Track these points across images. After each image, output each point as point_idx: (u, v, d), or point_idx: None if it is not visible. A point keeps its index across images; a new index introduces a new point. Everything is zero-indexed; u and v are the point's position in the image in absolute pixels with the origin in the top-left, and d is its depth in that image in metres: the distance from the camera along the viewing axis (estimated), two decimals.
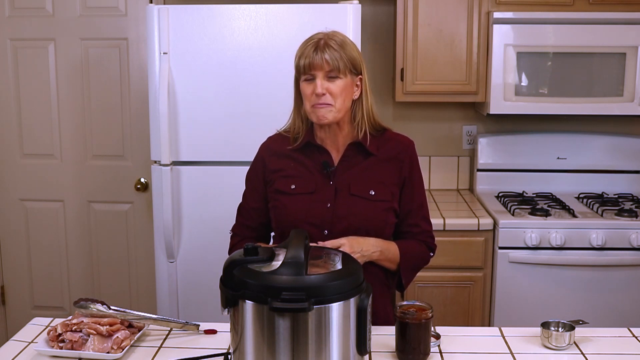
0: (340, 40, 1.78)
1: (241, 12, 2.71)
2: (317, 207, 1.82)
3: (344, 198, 1.82)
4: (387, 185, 1.85)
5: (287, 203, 1.85)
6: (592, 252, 2.86)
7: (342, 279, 1.38)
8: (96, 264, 3.60)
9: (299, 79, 1.82)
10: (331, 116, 1.78)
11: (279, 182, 1.87)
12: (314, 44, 1.77)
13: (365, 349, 1.44)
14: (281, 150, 1.90)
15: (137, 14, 3.36)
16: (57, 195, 3.55)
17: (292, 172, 1.87)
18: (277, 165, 1.89)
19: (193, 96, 2.75)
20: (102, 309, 1.70)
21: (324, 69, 1.75)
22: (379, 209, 1.83)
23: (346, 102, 1.79)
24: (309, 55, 1.76)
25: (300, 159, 1.87)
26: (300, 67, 1.79)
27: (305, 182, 1.85)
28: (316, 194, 1.83)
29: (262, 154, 1.95)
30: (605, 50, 3.02)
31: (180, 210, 2.82)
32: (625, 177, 3.39)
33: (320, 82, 1.76)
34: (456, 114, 3.49)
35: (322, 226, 1.81)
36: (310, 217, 1.81)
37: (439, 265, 2.82)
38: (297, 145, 1.87)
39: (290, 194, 1.85)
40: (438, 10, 3.09)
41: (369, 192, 1.82)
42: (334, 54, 1.75)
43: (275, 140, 1.94)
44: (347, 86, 1.78)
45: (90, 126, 3.48)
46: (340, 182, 1.84)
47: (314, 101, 1.77)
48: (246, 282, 1.36)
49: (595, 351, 1.67)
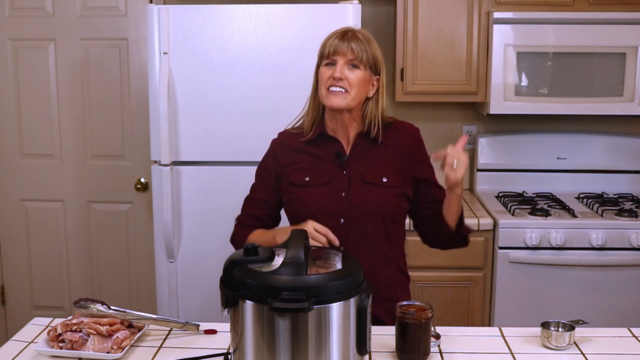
0: (367, 36, 1.84)
1: (241, 12, 2.71)
2: (332, 197, 1.85)
3: (358, 186, 1.86)
4: (399, 172, 1.88)
5: (302, 195, 1.87)
6: (592, 252, 2.86)
7: (342, 279, 1.38)
8: (96, 264, 3.60)
9: (320, 65, 1.85)
10: (344, 103, 1.81)
11: (292, 175, 1.90)
12: (341, 33, 1.83)
13: (365, 349, 1.44)
14: (293, 144, 1.93)
15: (137, 14, 3.36)
16: (57, 195, 3.56)
17: (305, 165, 1.90)
18: (290, 158, 1.92)
19: (193, 96, 2.75)
20: (102, 309, 1.70)
21: (347, 56, 1.80)
22: (392, 195, 1.87)
23: (361, 94, 1.83)
24: (335, 43, 1.81)
25: (312, 151, 1.90)
26: (324, 53, 1.83)
27: (318, 173, 1.88)
28: (330, 185, 1.86)
29: (275, 148, 1.97)
30: (605, 50, 3.02)
31: (180, 210, 2.82)
32: (625, 177, 3.39)
33: (340, 67, 1.79)
34: (456, 114, 3.49)
35: (337, 215, 1.84)
36: (325, 208, 1.85)
37: (439, 265, 2.83)
38: (310, 136, 1.90)
39: (305, 186, 1.88)
40: (438, 10, 3.09)
41: (382, 179, 1.86)
42: (360, 45, 1.80)
43: (286, 136, 1.97)
44: (365, 79, 1.82)
45: (90, 126, 3.48)
46: (353, 171, 1.87)
47: (330, 84, 1.81)
48: (246, 282, 1.36)
49: (595, 351, 1.66)
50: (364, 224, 1.85)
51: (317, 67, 1.87)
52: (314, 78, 1.90)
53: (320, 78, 1.84)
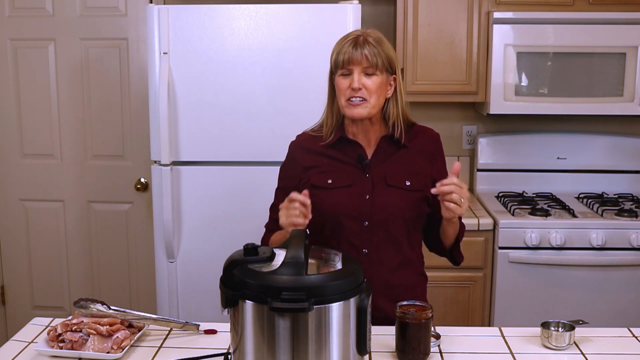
0: (378, 38, 1.82)
1: (241, 12, 2.71)
2: (355, 199, 1.85)
3: (382, 189, 1.86)
4: (421, 176, 1.89)
5: (324, 197, 1.86)
6: (592, 252, 2.86)
7: (342, 279, 1.38)
8: (96, 263, 3.60)
9: (335, 74, 1.84)
10: (366, 112, 1.81)
11: (314, 178, 1.89)
12: (352, 40, 1.80)
13: (365, 349, 1.44)
14: (313, 148, 1.92)
15: (137, 14, 3.36)
16: (57, 195, 3.56)
17: (327, 168, 1.89)
18: (310, 162, 1.91)
19: (193, 96, 2.75)
20: (102, 309, 1.70)
21: (362, 64, 1.78)
22: (415, 199, 1.87)
23: (380, 99, 1.83)
24: (348, 51, 1.79)
25: (333, 154, 1.90)
26: (338, 62, 1.81)
27: (341, 176, 1.88)
28: (353, 187, 1.86)
29: (293, 153, 1.97)
30: (605, 50, 3.02)
31: (180, 210, 2.82)
32: (625, 177, 3.39)
33: (357, 77, 1.78)
34: (456, 114, 3.49)
35: (361, 218, 1.84)
36: (349, 210, 1.85)
37: (439, 265, 2.81)
38: (330, 140, 1.89)
39: (328, 188, 1.87)
40: (438, 10, 3.09)
41: (405, 183, 1.86)
42: (372, 50, 1.78)
43: (305, 139, 1.96)
44: (382, 83, 1.81)
45: (90, 126, 3.48)
46: (376, 174, 1.87)
47: (349, 95, 1.80)
48: (246, 282, 1.36)
49: (595, 351, 1.66)
50: (388, 227, 1.85)
51: (331, 74, 1.87)
52: (329, 86, 1.89)
53: (338, 88, 1.83)
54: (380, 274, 1.84)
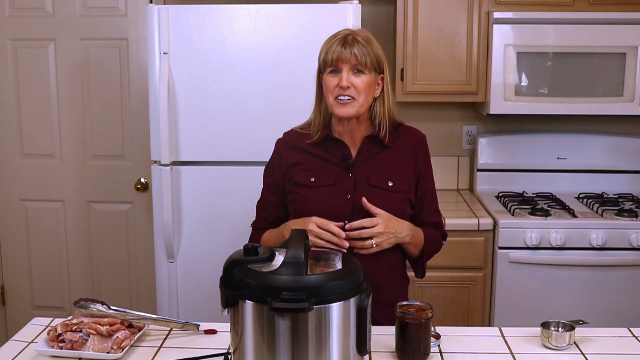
0: (366, 37, 1.83)
1: (241, 12, 2.71)
2: (337, 198, 1.85)
3: (364, 189, 1.85)
4: (404, 177, 1.89)
5: (306, 195, 1.87)
6: (592, 252, 2.86)
7: (342, 279, 1.38)
8: (96, 264, 3.60)
9: (323, 72, 1.84)
10: (354, 111, 1.81)
11: (298, 175, 1.90)
12: (341, 39, 1.81)
13: (365, 349, 1.43)
14: (299, 145, 1.93)
15: (137, 14, 3.36)
16: (57, 195, 3.56)
17: (311, 166, 1.90)
18: (296, 159, 1.92)
19: (193, 96, 2.75)
20: (102, 309, 1.70)
21: (351, 62, 1.79)
22: (397, 200, 1.87)
23: (368, 98, 1.83)
24: (337, 50, 1.79)
25: (318, 152, 1.90)
26: (327, 60, 1.81)
27: (324, 174, 1.88)
28: (336, 186, 1.86)
29: (280, 149, 1.97)
30: (605, 50, 3.02)
31: (180, 210, 2.82)
32: (625, 177, 3.39)
33: (346, 75, 1.78)
34: (456, 114, 3.49)
35: (341, 217, 1.83)
36: (330, 209, 1.84)
37: (439, 265, 2.82)
38: (315, 139, 1.89)
39: (310, 186, 1.88)
40: (438, 10, 3.09)
41: (388, 183, 1.86)
42: (362, 49, 1.79)
43: (292, 136, 1.97)
44: (370, 83, 1.81)
45: (90, 126, 3.48)
46: (359, 174, 1.87)
47: (337, 93, 1.80)
48: (246, 282, 1.36)
49: (595, 351, 1.66)
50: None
51: (319, 72, 1.86)
52: (317, 84, 1.89)
53: (326, 87, 1.83)
54: None
